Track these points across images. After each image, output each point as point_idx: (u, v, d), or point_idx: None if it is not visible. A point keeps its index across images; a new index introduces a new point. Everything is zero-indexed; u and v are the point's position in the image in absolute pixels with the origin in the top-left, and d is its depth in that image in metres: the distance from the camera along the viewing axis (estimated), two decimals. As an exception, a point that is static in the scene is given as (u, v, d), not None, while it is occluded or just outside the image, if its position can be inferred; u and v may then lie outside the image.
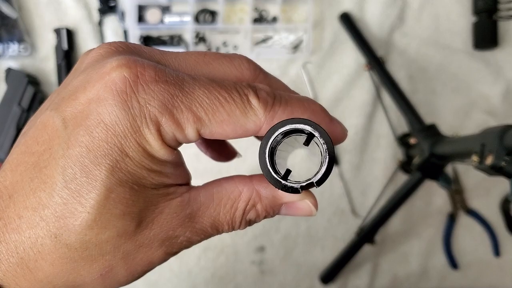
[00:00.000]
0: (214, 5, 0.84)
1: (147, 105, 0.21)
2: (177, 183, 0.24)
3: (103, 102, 0.21)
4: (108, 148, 0.21)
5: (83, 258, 0.21)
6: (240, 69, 0.26)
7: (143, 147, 0.21)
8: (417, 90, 0.83)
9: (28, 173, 0.22)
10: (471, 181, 0.82)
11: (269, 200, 0.25)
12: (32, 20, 0.84)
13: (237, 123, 0.23)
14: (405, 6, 0.83)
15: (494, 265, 0.82)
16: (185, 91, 0.22)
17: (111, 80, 0.21)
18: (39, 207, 0.21)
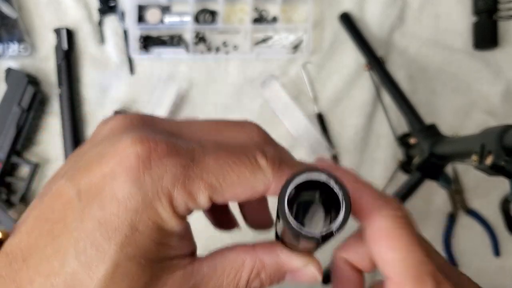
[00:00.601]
0: (214, 5, 0.84)
1: (159, 179, 0.22)
2: (182, 254, 0.25)
3: (116, 178, 0.22)
4: (119, 222, 0.22)
5: None
6: (251, 135, 0.27)
7: (154, 221, 0.22)
8: (417, 90, 0.83)
9: (42, 239, 0.22)
10: (471, 181, 0.82)
11: (273, 268, 0.25)
12: (32, 20, 0.84)
13: (247, 184, 0.24)
14: (405, 6, 0.83)
15: (494, 265, 0.82)
16: (195, 161, 0.23)
17: (125, 156, 0.22)
18: (51, 275, 0.22)
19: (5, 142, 0.79)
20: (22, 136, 0.80)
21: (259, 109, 0.83)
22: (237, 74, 0.83)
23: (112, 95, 0.83)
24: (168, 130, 0.25)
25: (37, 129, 0.83)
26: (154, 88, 0.82)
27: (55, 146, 0.83)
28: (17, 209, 0.79)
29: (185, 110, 0.83)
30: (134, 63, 0.84)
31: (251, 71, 0.83)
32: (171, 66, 0.83)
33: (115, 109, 0.82)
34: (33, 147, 0.83)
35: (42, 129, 0.83)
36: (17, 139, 0.79)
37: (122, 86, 0.83)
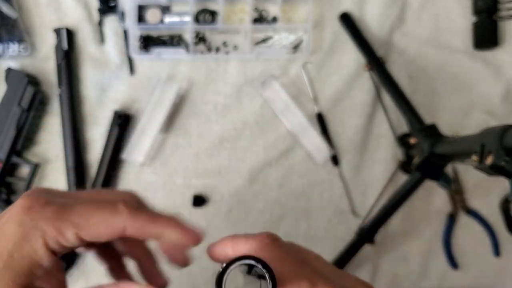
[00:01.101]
0: (214, 5, 0.84)
1: (36, 220, 0.29)
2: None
3: (7, 221, 0.30)
4: (1, 250, 0.29)
5: None
6: (123, 196, 0.34)
7: (27, 251, 0.29)
8: (417, 90, 0.83)
9: None
10: (471, 181, 0.83)
11: None
12: (32, 20, 0.84)
13: (107, 223, 0.31)
14: (405, 6, 0.83)
15: (494, 265, 0.83)
16: (67, 209, 0.30)
17: (14, 208, 0.31)
18: None
19: (5, 142, 0.79)
20: (22, 136, 0.80)
21: (259, 109, 0.83)
22: (237, 74, 0.83)
23: (112, 95, 0.83)
24: (58, 194, 0.33)
25: (37, 129, 0.83)
26: (154, 88, 0.82)
27: (55, 146, 0.83)
28: (17, 209, 0.79)
29: (185, 110, 0.83)
30: (134, 63, 0.84)
31: (251, 71, 0.83)
32: (171, 66, 0.83)
33: (115, 109, 0.82)
34: (33, 147, 0.83)
35: (42, 129, 0.83)
36: (17, 139, 0.79)
37: (122, 86, 0.83)
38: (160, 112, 0.80)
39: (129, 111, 0.83)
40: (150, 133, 0.80)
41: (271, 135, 0.83)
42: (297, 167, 0.83)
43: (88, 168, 0.83)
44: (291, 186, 0.83)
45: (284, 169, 0.83)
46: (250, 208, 0.83)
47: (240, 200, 0.83)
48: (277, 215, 0.83)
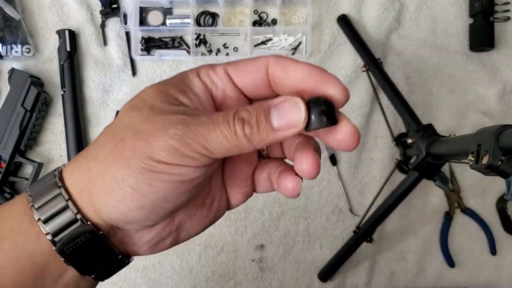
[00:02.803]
0: (215, 8, 0.85)
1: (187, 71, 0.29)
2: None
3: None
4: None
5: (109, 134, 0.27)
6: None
7: (181, 75, 0.28)
8: (414, 91, 0.84)
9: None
10: (468, 181, 0.83)
11: (257, 105, 0.27)
12: (35, 22, 0.85)
13: (252, 61, 0.28)
14: (402, 8, 0.84)
15: (490, 263, 0.83)
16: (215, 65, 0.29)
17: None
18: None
19: (8, 142, 0.80)
20: (26, 136, 0.80)
21: (259, 110, 0.84)
22: (237, 75, 0.84)
23: (114, 96, 0.84)
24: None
25: (40, 129, 0.84)
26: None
27: (58, 146, 0.84)
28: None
29: (186, 110, 0.84)
30: (136, 64, 0.85)
31: (251, 72, 0.84)
32: (172, 67, 0.84)
33: (118, 110, 0.83)
34: (37, 147, 0.84)
35: (45, 129, 0.84)
36: (20, 139, 0.80)
37: (124, 87, 0.84)
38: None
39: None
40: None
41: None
42: (296, 167, 0.84)
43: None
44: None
45: (283, 168, 0.84)
46: (250, 207, 0.84)
47: (240, 199, 0.83)
48: (276, 213, 0.83)
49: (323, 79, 0.27)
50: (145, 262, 0.83)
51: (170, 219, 0.30)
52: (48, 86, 0.84)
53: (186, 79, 0.28)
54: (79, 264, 0.27)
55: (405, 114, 0.75)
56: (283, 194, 0.30)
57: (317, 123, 0.26)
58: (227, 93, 0.29)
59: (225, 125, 0.25)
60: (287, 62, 0.27)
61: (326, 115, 0.26)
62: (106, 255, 0.28)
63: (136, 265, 0.83)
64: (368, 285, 0.83)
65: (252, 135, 0.25)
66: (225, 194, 0.32)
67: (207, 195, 0.31)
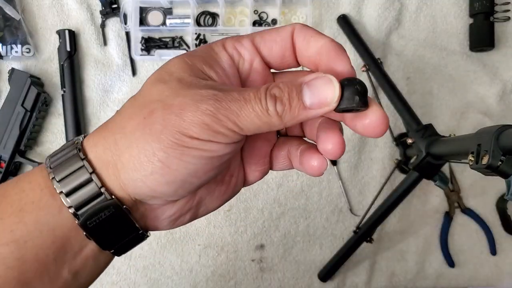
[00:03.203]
0: (215, 8, 0.85)
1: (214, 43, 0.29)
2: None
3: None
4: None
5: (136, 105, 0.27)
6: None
7: (207, 47, 0.28)
8: (414, 91, 0.84)
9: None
10: (468, 181, 0.84)
11: (289, 81, 0.26)
12: (35, 22, 0.85)
13: (278, 31, 0.28)
14: (402, 8, 0.84)
15: (491, 263, 0.83)
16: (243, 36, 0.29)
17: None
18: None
19: (8, 142, 0.80)
20: (26, 136, 0.81)
21: (259, 110, 0.84)
22: (237, 75, 0.84)
23: (114, 96, 0.84)
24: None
25: (40, 129, 0.84)
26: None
27: (58, 146, 0.83)
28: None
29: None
30: (136, 64, 0.85)
31: (251, 72, 0.84)
32: (172, 67, 0.84)
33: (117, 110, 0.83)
34: (37, 147, 0.84)
35: (45, 130, 0.84)
36: (20, 139, 0.80)
37: (124, 87, 0.84)
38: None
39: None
40: (152, 133, 0.81)
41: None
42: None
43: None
44: (290, 185, 0.84)
45: (283, 168, 0.84)
46: (250, 207, 0.84)
47: (240, 199, 0.84)
48: (276, 213, 0.83)
49: (336, 56, 0.28)
50: (145, 262, 0.83)
51: (192, 195, 0.30)
52: (48, 86, 0.84)
53: (212, 52, 0.28)
54: (100, 239, 0.27)
55: (405, 114, 0.75)
56: (307, 173, 0.30)
57: (350, 103, 0.25)
58: (253, 65, 0.29)
59: (257, 102, 0.25)
60: (311, 32, 0.28)
61: (359, 96, 0.25)
62: (128, 229, 0.28)
63: (136, 265, 0.83)
64: (368, 285, 0.83)
65: (284, 112, 0.25)
66: (242, 171, 0.32)
67: (227, 171, 0.31)
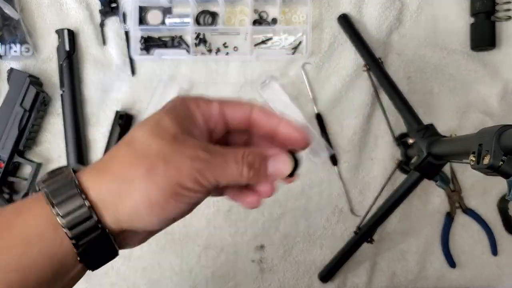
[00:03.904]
0: (215, 7, 0.84)
1: (190, 99, 0.36)
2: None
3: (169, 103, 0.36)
4: (170, 105, 0.35)
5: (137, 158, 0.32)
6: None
7: (186, 107, 0.34)
8: (415, 91, 0.84)
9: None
10: (469, 181, 0.83)
11: (259, 152, 0.34)
12: (34, 21, 0.85)
13: (240, 104, 0.36)
14: (403, 7, 0.84)
15: (492, 264, 0.83)
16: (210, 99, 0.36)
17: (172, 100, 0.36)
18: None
19: (7, 142, 0.80)
20: (24, 136, 0.80)
21: (259, 110, 0.84)
22: (237, 75, 0.84)
23: (113, 96, 0.84)
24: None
25: (39, 129, 0.84)
26: (155, 89, 0.83)
27: (57, 146, 0.83)
28: (19, 209, 0.79)
29: (185, 110, 0.84)
30: (135, 64, 0.84)
31: (251, 72, 0.84)
32: (172, 67, 0.84)
33: (117, 109, 0.83)
34: (36, 147, 0.84)
35: (44, 129, 0.84)
36: (19, 139, 0.80)
37: (124, 86, 0.84)
38: (161, 113, 0.81)
39: (130, 111, 0.84)
40: (151, 133, 0.81)
41: (271, 135, 0.84)
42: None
43: (89, 168, 0.83)
44: (291, 185, 0.83)
45: (283, 168, 0.83)
46: (250, 207, 0.83)
47: (240, 199, 0.83)
48: (276, 214, 0.83)
49: (293, 133, 0.36)
50: (144, 263, 0.82)
51: None
52: (47, 86, 0.84)
53: (189, 111, 0.34)
54: (89, 262, 0.33)
55: (406, 114, 0.75)
56: (242, 205, 0.37)
57: (292, 173, 0.35)
58: (217, 125, 0.36)
59: (235, 165, 0.33)
60: (270, 115, 0.36)
61: (297, 168, 0.35)
62: (110, 253, 0.33)
63: (135, 266, 0.82)
64: (368, 285, 0.83)
65: (252, 175, 0.33)
66: None
67: None
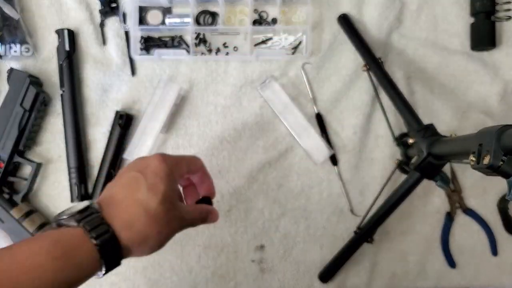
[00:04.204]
0: (215, 7, 0.85)
1: (171, 164, 0.55)
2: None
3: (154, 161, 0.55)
4: (164, 174, 0.53)
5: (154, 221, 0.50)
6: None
7: (173, 179, 0.54)
8: (415, 91, 0.84)
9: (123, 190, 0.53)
10: (469, 181, 0.83)
11: (205, 208, 0.59)
12: (34, 22, 0.85)
13: (198, 166, 0.62)
14: (403, 7, 0.84)
15: (492, 264, 0.83)
16: (180, 164, 0.58)
17: (153, 158, 0.56)
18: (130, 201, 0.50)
19: (7, 142, 0.80)
20: (24, 136, 0.80)
21: (259, 110, 0.84)
22: (237, 75, 0.84)
23: (113, 96, 0.84)
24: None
25: (39, 129, 0.84)
26: (155, 89, 0.83)
27: (57, 146, 0.84)
28: (19, 209, 0.79)
29: (185, 110, 0.84)
30: (135, 64, 0.84)
31: (251, 72, 0.84)
32: (172, 67, 0.84)
33: (117, 110, 0.83)
34: (36, 147, 0.84)
35: (44, 129, 0.84)
36: (19, 139, 0.80)
37: (124, 86, 0.84)
38: (161, 113, 0.81)
39: (130, 111, 0.84)
40: (151, 133, 0.81)
41: (271, 135, 0.84)
42: (296, 167, 0.84)
43: (90, 168, 0.84)
44: (291, 185, 0.84)
45: (283, 168, 0.84)
46: (250, 207, 0.83)
47: (240, 199, 0.83)
48: (276, 214, 0.83)
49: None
50: (144, 263, 0.82)
51: None
52: (47, 86, 0.84)
53: (175, 184, 0.54)
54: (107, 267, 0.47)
55: (406, 113, 0.75)
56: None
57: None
58: (188, 184, 0.63)
59: (198, 220, 0.56)
60: (204, 176, 0.62)
61: (211, 203, 0.61)
62: (118, 263, 0.48)
63: (135, 266, 0.82)
64: (368, 285, 0.83)
65: (201, 222, 0.57)
66: None
67: None
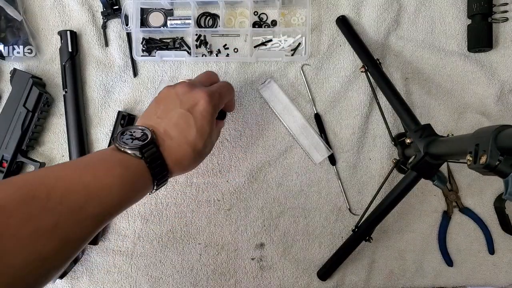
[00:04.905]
0: (215, 9, 0.85)
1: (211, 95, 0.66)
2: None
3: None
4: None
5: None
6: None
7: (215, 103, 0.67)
8: (412, 91, 0.84)
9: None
10: (466, 180, 0.84)
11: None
12: (37, 23, 0.86)
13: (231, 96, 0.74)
14: (401, 9, 0.85)
15: (489, 262, 0.84)
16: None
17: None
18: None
19: (10, 142, 0.80)
20: (27, 136, 0.81)
21: (259, 110, 0.85)
22: (238, 76, 0.85)
23: (115, 96, 0.85)
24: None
25: (42, 130, 0.84)
26: (157, 90, 0.84)
27: (60, 146, 0.84)
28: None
29: (186, 111, 0.85)
30: (137, 65, 0.85)
31: (251, 73, 0.85)
32: (173, 68, 0.85)
33: (119, 110, 0.83)
34: (38, 147, 0.85)
35: (47, 130, 0.85)
36: (22, 139, 0.81)
37: (126, 88, 0.85)
38: (162, 113, 0.82)
39: (132, 112, 0.85)
40: (153, 133, 0.82)
41: (271, 135, 0.85)
42: (295, 166, 0.84)
43: (92, 168, 0.84)
44: (290, 184, 0.84)
45: (283, 168, 0.84)
46: (250, 206, 0.84)
47: (240, 198, 0.84)
48: (276, 213, 0.84)
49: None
50: (146, 261, 0.83)
51: None
52: (50, 87, 0.85)
53: (215, 118, 0.65)
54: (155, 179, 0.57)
55: (403, 114, 0.75)
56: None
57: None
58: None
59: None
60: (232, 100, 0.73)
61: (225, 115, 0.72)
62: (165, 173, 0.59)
63: (137, 264, 0.83)
64: (366, 283, 0.84)
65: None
66: None
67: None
